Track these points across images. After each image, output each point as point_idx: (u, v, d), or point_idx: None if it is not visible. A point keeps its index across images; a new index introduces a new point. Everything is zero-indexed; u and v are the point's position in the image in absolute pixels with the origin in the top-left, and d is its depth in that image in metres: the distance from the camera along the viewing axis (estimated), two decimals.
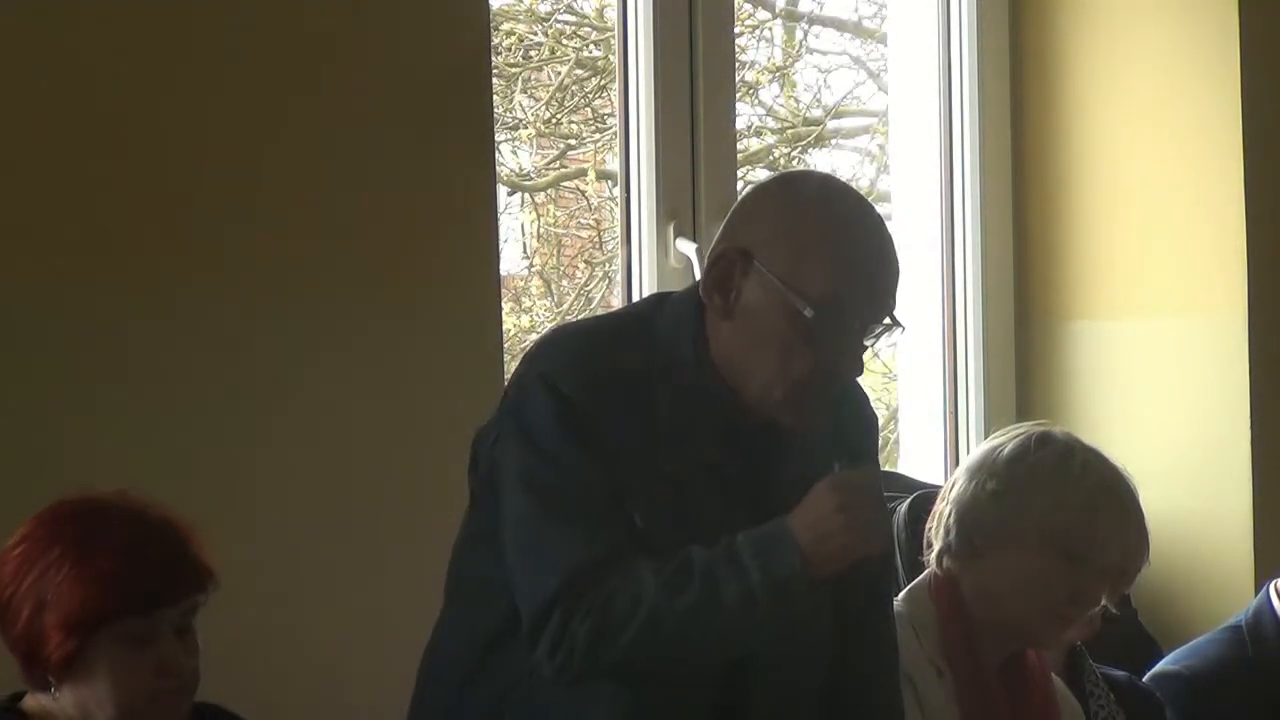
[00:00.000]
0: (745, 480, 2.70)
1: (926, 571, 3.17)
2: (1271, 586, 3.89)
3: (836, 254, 2.66)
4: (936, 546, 3.14)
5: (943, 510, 3.16)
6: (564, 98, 5.89)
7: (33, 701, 2.68)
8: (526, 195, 5.98)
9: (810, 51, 6.38)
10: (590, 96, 5.92)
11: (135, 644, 2.63)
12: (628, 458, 2.61)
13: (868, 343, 2.69)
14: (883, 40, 5.83)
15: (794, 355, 2.65)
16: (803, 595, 2.59)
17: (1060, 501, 3.08)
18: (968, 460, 3.22)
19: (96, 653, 2.61)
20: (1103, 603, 3.19)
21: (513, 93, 5.75)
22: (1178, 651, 3.88)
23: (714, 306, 2.69)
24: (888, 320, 2.69)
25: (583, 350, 2.68)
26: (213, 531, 2.73)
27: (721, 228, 2.76)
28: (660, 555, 2.58)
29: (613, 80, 4.87)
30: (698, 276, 4.10)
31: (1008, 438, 3.17)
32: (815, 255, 2.65)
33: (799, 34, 6.35)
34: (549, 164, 5.98)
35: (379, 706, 3.38)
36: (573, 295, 6.00)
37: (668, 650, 2.60)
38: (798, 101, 6.36)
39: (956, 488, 3.16)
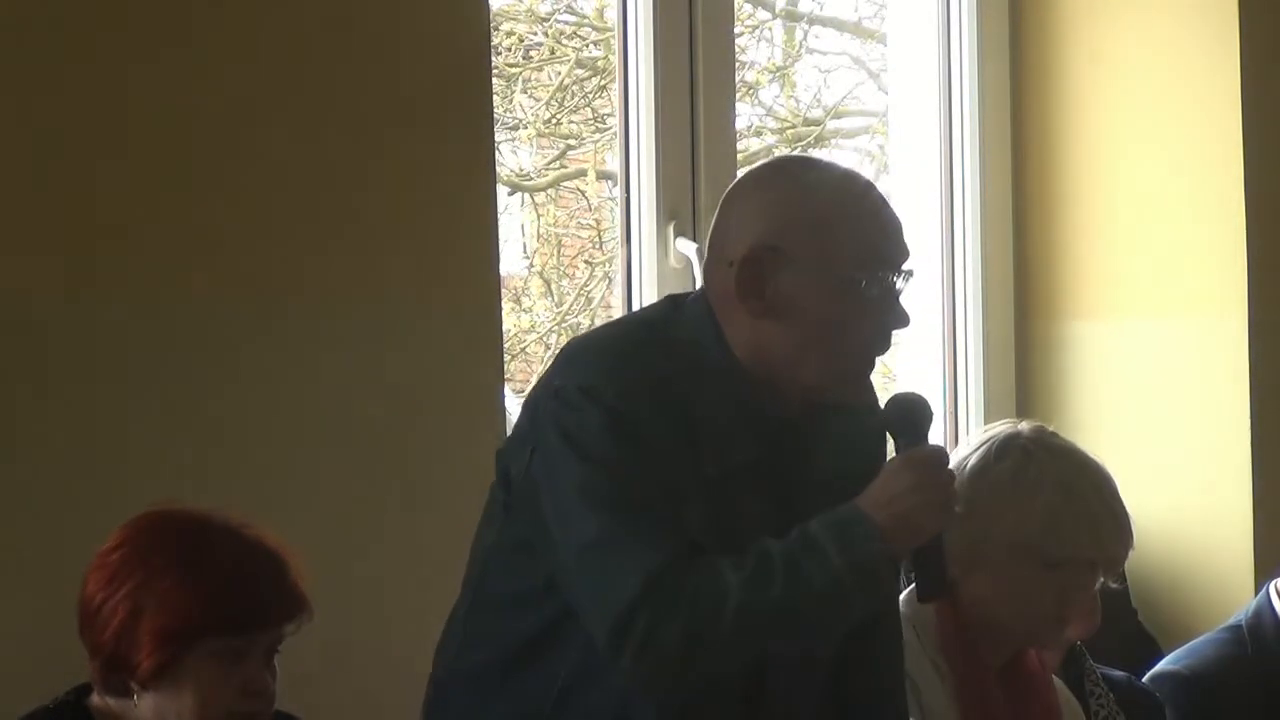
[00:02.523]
0: (779, 479, 2.69)
1: None
2: (1271, 586, 3.88)
3: (858, 216, 2.68)
4: None
5: None
6: (564, 98, 5.90)
7: (98, 700, 2.68)
8: (526, 195, 5.99)
9: (810, 51, 6.40)
10: (590, 96, 5.93)
11: (227, 662, 2.64)
12: (674, 461, 2.60)
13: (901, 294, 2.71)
14: (883, 40, 5.83)
15: (852, 327, 2.66)
16: (887, 575, 2.60)
17: (1022, 516, 3.05)
18: None
19: (187, 666, 2.62)
20: (1099, 584, 3.18)
21: (513, 93, 5.76)
22: (1178, 651, 3.88)
23: (752, 310, 2.67)
24: (907, 267, 2.71)
25: (615, 359, 2.66)
26: None
27: (716, 232, 2.74)
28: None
29: (613, 80, 4.87)
30: (698, 276, 4.15)
31: (977, 446, 3.13)
32: (842, 225, 2.67)
33: (799, 34, 6.36)
34: (549, 164, 5.99)
35: (381, 705, 3.38)
36: (573, 295, 6.00)
37: (763, 643, 2.60)
38: (798, 101, 6.37)
39: None
